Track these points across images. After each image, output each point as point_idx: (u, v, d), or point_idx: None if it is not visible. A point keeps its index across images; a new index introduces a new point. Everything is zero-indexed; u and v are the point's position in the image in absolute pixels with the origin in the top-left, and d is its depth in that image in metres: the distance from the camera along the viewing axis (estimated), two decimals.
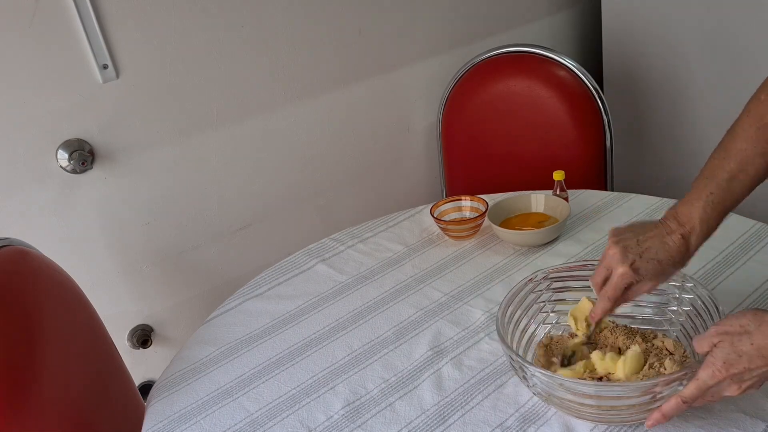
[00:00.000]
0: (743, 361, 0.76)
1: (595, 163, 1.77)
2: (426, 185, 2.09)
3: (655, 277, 0.90)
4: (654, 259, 0.89)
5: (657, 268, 0.89)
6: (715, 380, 0.78)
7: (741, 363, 0.76)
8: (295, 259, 1.40)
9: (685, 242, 0.89)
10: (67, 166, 1.46)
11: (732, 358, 0.76)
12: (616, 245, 0.90)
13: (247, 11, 1.61)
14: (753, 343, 0.75)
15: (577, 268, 1.05)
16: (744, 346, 0.76)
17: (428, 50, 1.96)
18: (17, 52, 1.36)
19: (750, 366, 0.76)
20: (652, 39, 2.01)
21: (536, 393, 0.92)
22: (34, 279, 1.06)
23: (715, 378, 0.77)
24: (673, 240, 0.89)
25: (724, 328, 0.78)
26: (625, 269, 0.88)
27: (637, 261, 0.89)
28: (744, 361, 0.76)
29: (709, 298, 0.93)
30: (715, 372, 0.77)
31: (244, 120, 1.68)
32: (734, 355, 0.76)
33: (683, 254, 0.90)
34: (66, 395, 1.02)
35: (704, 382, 0.78)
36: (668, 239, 0.89)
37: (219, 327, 1.23)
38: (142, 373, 1.69)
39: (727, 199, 0.89)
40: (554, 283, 1.05)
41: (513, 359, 0.90)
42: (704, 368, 0.78)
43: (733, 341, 0.76)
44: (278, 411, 1.02)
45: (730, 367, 0.76)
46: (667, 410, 0.82)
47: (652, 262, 0.89)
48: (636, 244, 0.90)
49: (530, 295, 1.03)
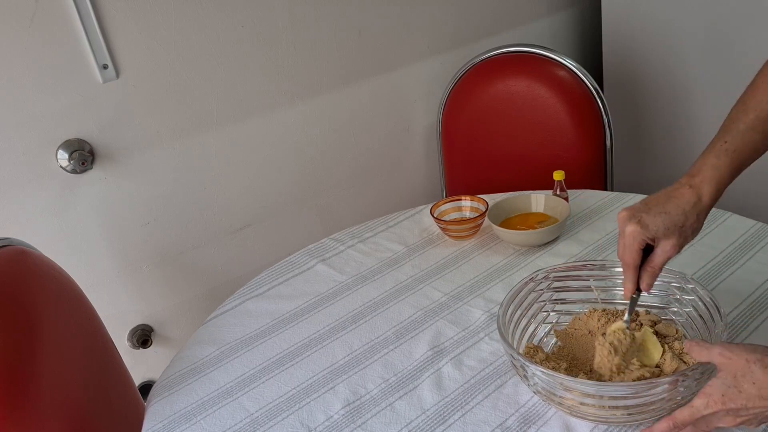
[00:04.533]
0: (742, 398, 0.74)
1: (595, 163, 1.77)
2: (426, 185, 2.09)
3: (669, 232, 0.87)
4: (662, 212, 0.86)
5: (667, 220, 0.86)
6: (709, 410, 0.76)
7: (740, 400, 0.74)
8: (295, 259, 1.40)
9: (694, 192, 0.86)
10: (67, 166, 1.46)
11: (731, 392, 0.74)
12: (625, 210, 0.89)
13: (247, 11, 1.61)
14: (756, 382, 0.73)
15: (577, 268, 1.05)
16: (746, 384, 0.74)
17: (428, 50, 1.96)
18: (17, 52, 1.36)
19: (748, 405, 0.74)
20: (652, 39, 2.01)
21: (536, 392, 0.92)
22: (34, 279, 1.06)
23: (710, 408, 0.76)
24: (681, 192, 0.87)
25: (728, 354, 0.76)
26: (633, 227, 0.86)
27: (645, 216, 0.86)
28: (743, 399, 0.74)
29: (710, 299, 0.93)
30: (711, 403, 0.75)
31: (244, 120, 1.68)
32: (734, 390, 0.74)
33: (695, 205, 0.86)
34: (66, 395, 1.02)
35: (698, 410, 0.76)
36: (677, 192, 0.87)
37: (219, 327, 1.23)
38: (142, 373, 1.69)
39: (742, 148, 0.86)
40: (555, 282, 1.05)
41: (514, 358, 0.90)
42: (700, 397, 0.77)
43: (736, 375, 0.74)
44: (278, 411, 1.02)
45: (728, 401, 0.74)
46: (656, 430, 0.81)
47: (660, 215, 0.86)
48: (643, 204, 0.88)
49: (531, 294, 1.03)
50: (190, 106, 1.59)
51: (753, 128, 0.86)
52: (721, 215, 1.31)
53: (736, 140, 0.86)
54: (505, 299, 0.98)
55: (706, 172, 0.87)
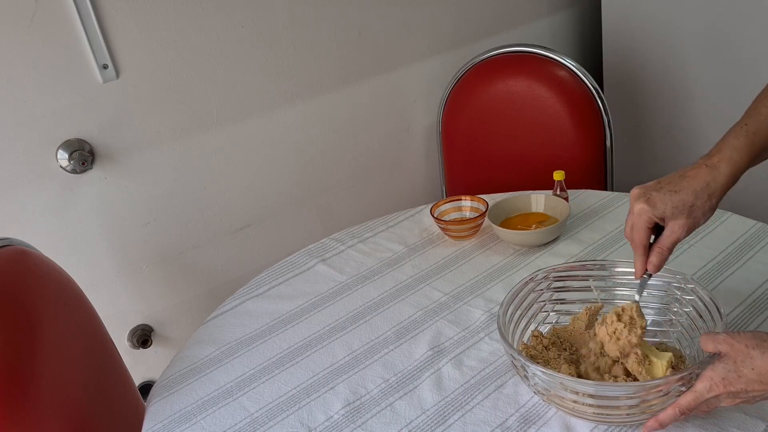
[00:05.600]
0: (741, 382, 0.77)
1: (595, 163, 1.77)
2: (426, 185, 2.09)
3: (677, 212, 0.85)
4: (672, 191, 0.85)
5: (676, 199, 0.85)
6: (711, 394, 0.78)
7: (739, 383, 0.77)
8: (295, 259, 1.40)
9: (709, 171, 0.85)
10: (67, 166, 1.46)
11: (732, 376, 0.77)
12: (636, 188, 0.88)
13: (247, 11, 1.61)
14: (754, 368, 0.76)
15: (576, 268, 1.06)
16: (745, 369, 0.76)
17: (428, 50, 1.96)
18: (17, 52, 1.36)
19: (747, 388, 0.77)
20: (652, 39, 2.01)
21: (537, 392, 0.92)
22: (33, 279, 1.06)
23: (712, 392, 0.78)
24: (695, 172, 0.85)
25: (731, 341, 0.78)
26: (641, 204, 0.86)
27: (654, 195, 0.85)
28: (742, 383, 0.77)
29: (709, 299, 0.93)
30: (713, 386, 0.78)
31: (244, 120, 1.68)
32: (734, 374, 0.77)
33: (708, 185, 0.85)
34: (66, 395, 1.02)
35: (701, 394, 0.79)
36: (691, 171, 0.86)
37: (219, 327, 1.23)
38: (142, 373, 1.69)
39: (763, 132, 0.85)
40: (554, 282, 1.05)
41: (515, 358, 0.90)
42: (702, 381, 0.79)
43: (736, 360, 0.77)
44: (278, 411, 1.02)
45: (729, 385, 0.77)
46: (663, 418, 0.83)
47: (669, 193, 0.85)
48: (655, 183, 0.87)
49: (531, 294, 1.03)
50: (190, 106, 1.59)
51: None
52: (721, 215, 1.31)
53: (757, 123, 0.85)
54: (505, 299, 0.98)
55: (724, 152, 0.85)
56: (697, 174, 0.86)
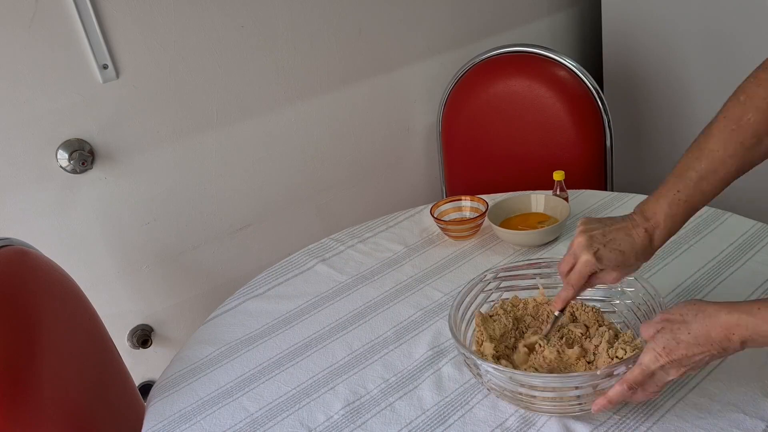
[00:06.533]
0: (681, 347, 0.80)
1: (595, 163, 1.77)
2: (426, 185, 2.09)
3: (618, 267, 0.93)
4: (617, 250, 0.91)
5: (620, 258, 0.91)
6: (657, 364, 0.81)
7: (680, 350, 0.80)
8: (295, 259, 1.40)
9: (648, 236, 0.92)
10: (67, 166, 1.46)
11: (672, 344, 0.80)
12: (583, 234, 0.93)
13: (247, 11, 1.61)
14: (690, 332, 0.80)
15: (524, 267, 1.08)
16: (682, 335, 0.80)
17: (428, 50, 1.96)
18: (17, 52, 1.36)
19: (687, 353, 0.80)
20: (652, 39, 2.01)
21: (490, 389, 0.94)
22: (34, 279, 1.06)
23: (658, 362, 0.81)
24: (637, 233, 0.92)
25: (667, 315, 0.83)
26: (588, 257, 0.91)
27: (601, 250, 0.91)
28: (682, 347, 0.80)
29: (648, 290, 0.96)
30: (657, 356, 0.81)
31: (244, 120, 1.68)
32: (674, 342, 0.80)
33: (646, 248, 0.92)
34: (65, 395, 1.02)
35: (647, 366, 0.82)
36: (633, 232, 0.92)
37: (219, 327, 1.23)
38: (142, 373, 1.69)
39: (695, 197, 0.91)
40: (503, 282, 1.08)
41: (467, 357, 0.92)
42: (646, 353, 0.82)
43: (673, 329, 0.81)
44: (278, 411, 1.02)
45: (670, 353, 0.80)
46: (612, 396, 0.85)
47: (615, 252, 0.91)
48: (602, 235, 0.92)
49: (480, 294, 1.06)
50: (190, 107, 1.59)
51: (704, 178, 0.90)
52: (721, 215, 1.31)
53: (689, 189, 0.91)
54: (455, 301, 1.01)
55: (661, 220, 0.92)
56: (638, 235, 0.92)
